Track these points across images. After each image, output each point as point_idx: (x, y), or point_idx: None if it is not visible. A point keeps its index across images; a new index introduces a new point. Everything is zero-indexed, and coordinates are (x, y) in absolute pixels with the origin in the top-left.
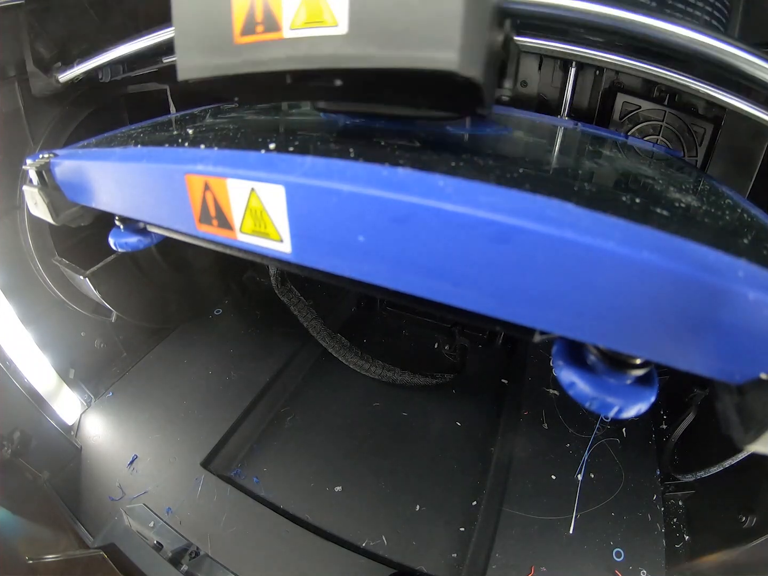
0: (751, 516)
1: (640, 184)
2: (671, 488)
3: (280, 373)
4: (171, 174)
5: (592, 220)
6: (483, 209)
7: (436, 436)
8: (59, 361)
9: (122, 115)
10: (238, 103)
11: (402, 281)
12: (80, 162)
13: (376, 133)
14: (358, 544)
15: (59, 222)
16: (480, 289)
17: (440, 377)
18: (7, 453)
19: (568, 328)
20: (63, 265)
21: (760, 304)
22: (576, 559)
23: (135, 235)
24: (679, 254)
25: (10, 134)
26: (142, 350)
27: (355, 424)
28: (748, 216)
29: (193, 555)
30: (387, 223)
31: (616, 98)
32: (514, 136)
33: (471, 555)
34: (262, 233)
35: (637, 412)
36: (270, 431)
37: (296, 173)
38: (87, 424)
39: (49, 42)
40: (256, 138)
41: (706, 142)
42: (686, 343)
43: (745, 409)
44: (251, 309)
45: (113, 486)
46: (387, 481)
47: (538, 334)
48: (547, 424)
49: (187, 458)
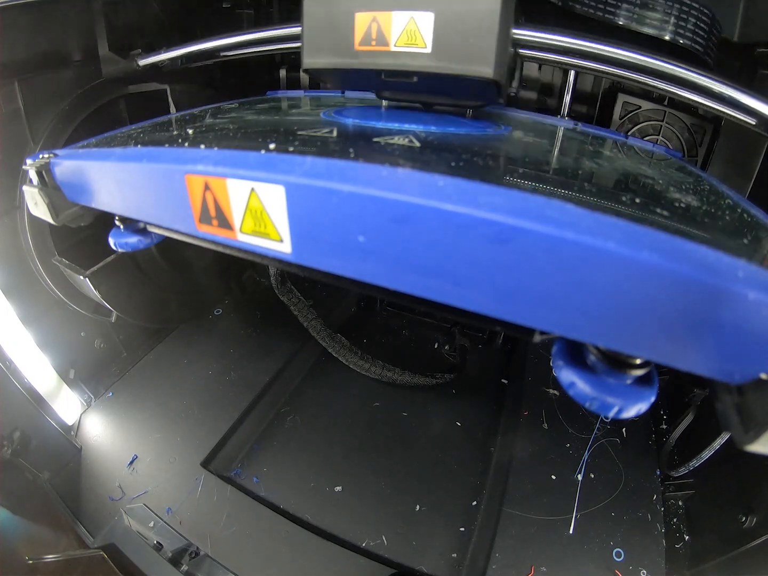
0: (751, 516)
1: (640, 184)
2: (671, 488)
3: (280, 373)
4: (171, 174)
5: (592, 221)
6: (483, 209)
7: (436, 436)
8: (59, 361)
9: (122, 115)
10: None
11: (402, 281)
12: (80, 162)
13: (375, 134)
14: (358, 544)
15: (59, 222)
16: (480, 289)
17: (440, 377)
18: (7, 453)
19: (568, 328)
20: (63, 265)
21: (760, 304)
22: (576, 559)
23: (135, 235)
24: (679, 254)
25: (10, 134)
26: (142, 350)
27: (355, 424)
28: (748, 216)
29: (193, 555)
30: (387, 223)
31: (617, 98)
32: (514, 137)
33: (471, 555)
34: (262, 233)
35: (637, 412)
36: (270, 431)
37: (296, 173)
38: (87, 424)
39: (123, 29)
40: (256, 138)
41: (706, 142)
42: (686, 343)
43: (745, 409)
44: (251, 309)
45: (113, 486)
46: (387, 481)
47: (538, 334)
48: (547, 424)
49: (187, 458)
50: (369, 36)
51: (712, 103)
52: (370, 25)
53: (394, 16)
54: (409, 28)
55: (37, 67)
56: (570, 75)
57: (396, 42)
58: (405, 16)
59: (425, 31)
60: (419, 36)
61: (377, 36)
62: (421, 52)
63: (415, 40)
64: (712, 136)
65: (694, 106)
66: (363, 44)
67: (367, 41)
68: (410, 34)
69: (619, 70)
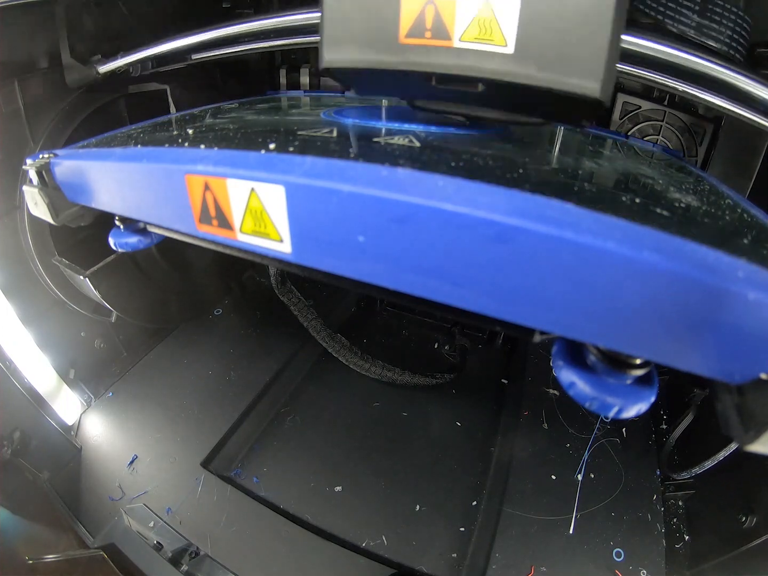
0: (751, 516)
1: (640, 184)
2: (671, 488)
3: (280, 373)
4: (171, 174)
5: (592, 221)
6: (483, 209)
7: (436, 436)
8: (59, 361)
9: (122, 115)
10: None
11: (402, 281)
12: (80, 162)
13: (375, 134)
14: (358, 544)
15: (59, 222)
16: (480, 289)
17: (440, 377)
18: (7, 453)
19: (567, 328)
20: (63, 265)
21: (760, 304)
22: (576, 559)
23: (135, 235)
24: (679, 254)
25: (10, 134)
26: (142, 350)
27: (355, 424)
28: (748, 216)
29: (193, 555)
30: (387, 223)
31: (617, 98)
32: (514, 136)
33: (471, 555)
34: (262, 233)
35: (637, 412)
36: (270, 431)
37: (296, 173)
38: (87, 424)
39: (85, 35)
40: (256, 138)
41: (706, 142)
42: (686, 343)
43: (745, 410)
44: (251, 309)
45: (113, 486)
46: (387, 481)
47: (538, 334)
48: (547, 424)
49: (187, 458)
50: (421, 25)
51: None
52: (423, 10)
53: (460, 0)
54: (482, 18)
55: (37, 67)
56: None
57: (462, 36)
58: (478, 0)
59: (506, 24)
60: (497, 30)
61: (434, 26)
62: (499, 52)
63: (490, 34)
64: (712, 136)
65: (695, 106)
66: (412, 36)
67: (419, 32)
68: (484, 25)
69: (627, 67)
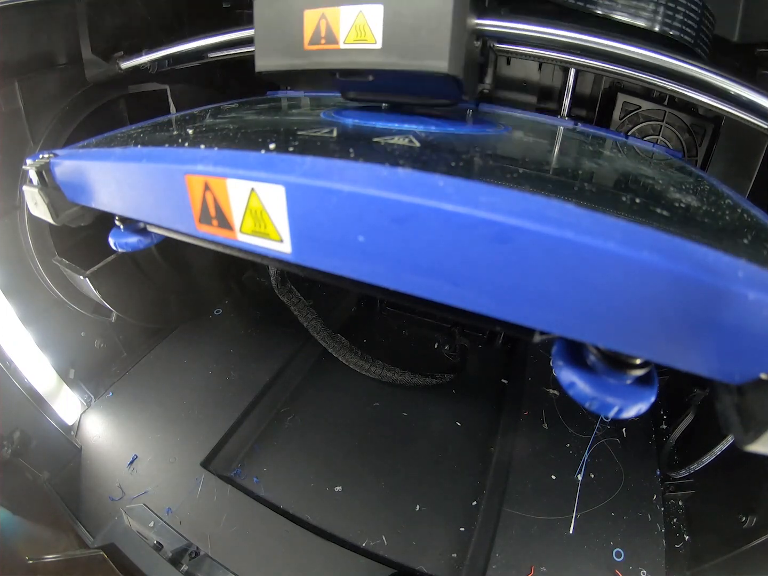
0: (751, 516)
1: (640, 184)
2: (671, 488)
3: (280, 373)
4: (171, 174)
5: (593, 221)
6: (483, 209)
7: (436, 436)
8: (59, 361)
9: (122, 115)
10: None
11: (402, 281)
12: (80, 162)
13: (375, 134)
14: (358, 544)
15: (59, 222)
16: (480, 290)
17: (440, 377)
18: (7, 453)
19: (567, 328)
20: (63, 265)
21: (760, 304)
22: (576, 559)
23: (135, 235)
24: (679, 254)
25: (10, 134)
26: (142, 350)
27: (355, 424)
28: (748, 216)
29: (193, 555)
30: (387, 223)
31: (617, 98)
32: (513, 137)
33: (471, 555)
34: (262, 233)
35: (637, 412)
36: (270, 431)
37: (296, 173)
38: (87, 424)
39: (106, 33)
40: (256, 138)
41: (706, 142)
42: (686, 343)
43: (745, 410)
44: (251, 309)
45: (113, 486)
46: (387, 481)
47: (538, 334)
48: (547, 424)
49: (187, 458)
50: (318, 34)
51: (711, 100)
52: (319, 23)
53: (343, 12)
54: (358, 24)
55: (37, 67)
56: (570, 75)
57: (345, 39)
58: (354, 10)
59: (375, 26)
60: (368, 31)
61: (326, 33)
62: (371, 48)
63: (364, 35)
64: (712, 136)
65: (694, 106)
66: (312, 43)
67: (317, 40)
68: (360, 29)
69: (599, 63)
